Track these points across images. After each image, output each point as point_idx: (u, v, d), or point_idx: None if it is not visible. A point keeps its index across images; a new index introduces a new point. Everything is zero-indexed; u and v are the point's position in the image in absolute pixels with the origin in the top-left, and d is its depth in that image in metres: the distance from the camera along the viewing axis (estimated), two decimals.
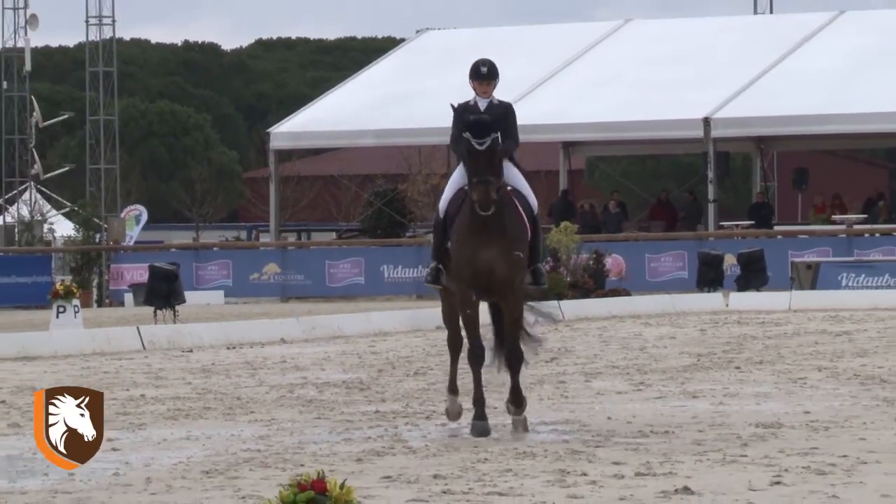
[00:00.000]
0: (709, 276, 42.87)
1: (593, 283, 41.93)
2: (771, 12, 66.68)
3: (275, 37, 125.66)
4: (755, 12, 66.87)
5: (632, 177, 69.11)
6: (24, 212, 57.26)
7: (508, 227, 15.32)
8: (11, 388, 22.02)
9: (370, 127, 52.63)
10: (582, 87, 52.80)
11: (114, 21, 64.92)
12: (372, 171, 62.08)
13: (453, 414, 16.27)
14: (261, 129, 66.52)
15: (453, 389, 16.21)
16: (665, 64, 52.45)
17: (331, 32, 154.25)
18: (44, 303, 36.14)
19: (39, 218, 56.80)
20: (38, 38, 68.18)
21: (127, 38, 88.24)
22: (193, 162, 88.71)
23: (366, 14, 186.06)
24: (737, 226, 50.39)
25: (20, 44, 63.15)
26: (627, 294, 41.27)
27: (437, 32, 59.85)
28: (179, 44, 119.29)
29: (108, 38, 65.28)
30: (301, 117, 56.36)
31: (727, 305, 37.31)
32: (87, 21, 65.14)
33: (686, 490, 12.77)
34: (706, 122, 49.85)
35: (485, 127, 15.14)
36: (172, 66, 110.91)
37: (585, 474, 13.67)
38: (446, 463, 13.86)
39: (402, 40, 63.44)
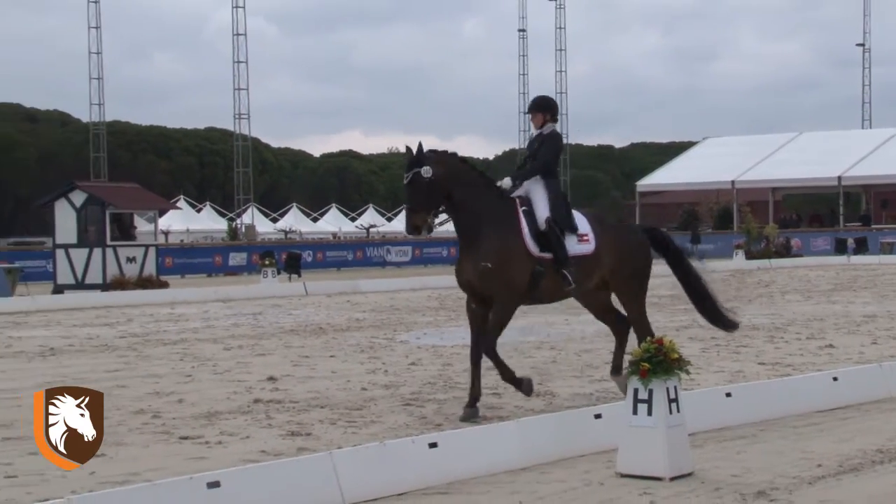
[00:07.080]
0: (840, 249, 40.82)
1: (785, 252, 40.51)
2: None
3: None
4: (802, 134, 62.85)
5: (805, 205, 64.75)
6: None
7: (481, 241, 7.71)
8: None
9: (675, 180, 51.57)
10: (777, 162, 50.43)
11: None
12: (679, 201, 58.37)
13: (529, 389, 7.98)
14: (633, 182, 64.50)
15: (514, 380, 7.92)
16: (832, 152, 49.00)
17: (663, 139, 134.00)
18: None
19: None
20: None
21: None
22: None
23: (688, 123, 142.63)
24: (854, 225, 47.39)
25: None
26: (801, 256, 39.50)
27: (714, 139, 57.72)
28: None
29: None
30: (648, 179, 54.99)
31: (849, 261, 35.44)
32: None
33: (830, 346, 12.18)
34: (839, 178, 47.33)
35: (409, 164, 7.64)
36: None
37: (782, 338, 13.09)
38: None
39: (694, 143, 60.93)
